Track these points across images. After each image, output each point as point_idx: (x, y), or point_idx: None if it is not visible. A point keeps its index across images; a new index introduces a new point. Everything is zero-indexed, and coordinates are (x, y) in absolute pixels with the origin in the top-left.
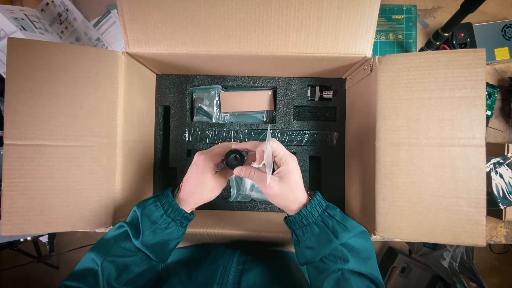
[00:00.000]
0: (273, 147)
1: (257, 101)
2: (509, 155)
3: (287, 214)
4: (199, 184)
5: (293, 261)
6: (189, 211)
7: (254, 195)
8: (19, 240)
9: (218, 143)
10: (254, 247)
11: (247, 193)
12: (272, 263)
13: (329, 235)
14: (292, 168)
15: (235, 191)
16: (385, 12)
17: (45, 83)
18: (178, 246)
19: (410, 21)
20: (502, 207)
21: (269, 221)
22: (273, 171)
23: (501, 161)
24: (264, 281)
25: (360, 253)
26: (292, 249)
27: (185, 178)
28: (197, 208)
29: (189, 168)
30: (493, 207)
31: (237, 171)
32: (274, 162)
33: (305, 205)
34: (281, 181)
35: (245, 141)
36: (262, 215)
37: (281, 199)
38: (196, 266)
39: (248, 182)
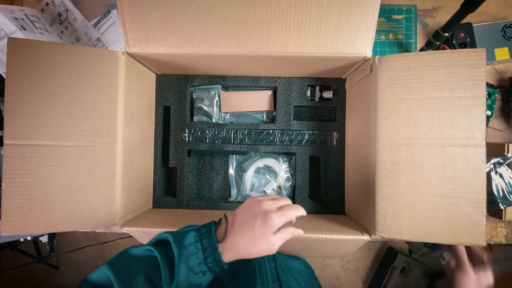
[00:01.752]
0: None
1: (257, 101)
2: (509, 155)
3: None
4: (257, 242)
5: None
6: (227, 262)
7: (254, 195)
8: (19, 240)
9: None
10: None
11: (247, 193)
12: (293, 260)
13: None
14: None
15: (235, 191)
16: (385, 12)
17: (45, 83)
18: None
19: (410, 21)
20: (502, 207)
21: None
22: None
23: (501, 161)
24: (296, 274)
25: None
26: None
27: (239, 224)
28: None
29: (250, 217)
30: (493, 207)
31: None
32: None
33: None
34: None
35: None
36: None
37: None
38: (235, 269)
39: (248, 182)
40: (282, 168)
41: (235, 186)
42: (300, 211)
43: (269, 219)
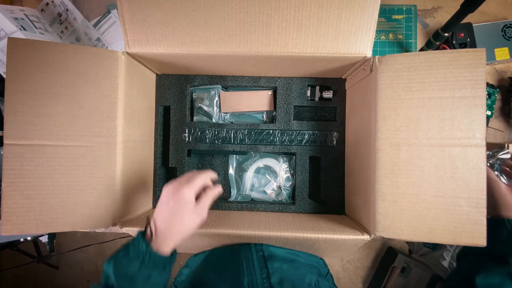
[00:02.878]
0: None
1: (257, 101)
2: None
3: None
4: (182, 219)
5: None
6: (169, 253)
7: (254, 195)
8: (19, 240)
9: (194, 171)
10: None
11: (247, 193)
12: (282, 248)
13: None
14: None
15: (235, 191)
16: (385, 12)
17: (45, 83)
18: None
19: (410, 21)
20: None
21: (270, 220)
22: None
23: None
24: (284, 261)
25: None
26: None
27: (159, 216)
28: None
29: (161, 204)
30: None
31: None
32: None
33: None
34: None
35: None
36: (262, 215)
37: None
38: (221, 268)
39: (248, 182)
40: (282, 168)
41: (235, 186)
42: (208, 173)
43: (180, 195)
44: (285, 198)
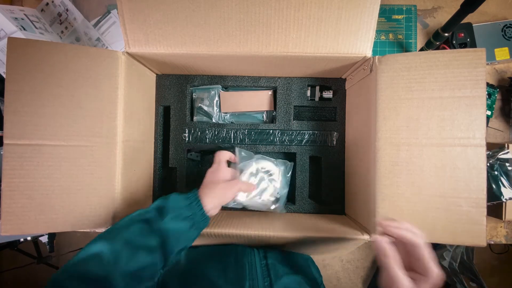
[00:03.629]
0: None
1: (257, 101)
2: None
3: None
4: (218, 171)
5: (300, 257)
6: (210, 212)
7: (247, 202)
8: (19, 240)
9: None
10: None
11: (239, 200)
12: (287, 256)
13: None
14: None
15: None
16: (385, 12)
17: (45, 83)
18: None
19: (410, 21)
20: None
21: (270, 220)
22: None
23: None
24: (289, 271)
25: None
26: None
27: (207, 173)
28: None
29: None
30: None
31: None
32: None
33: None
34: None
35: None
36: (263, 215)
37: None
38: (224, 266)
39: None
40: (280, 173)
41: None
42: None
43: (217, 157)
44: (281, 207)
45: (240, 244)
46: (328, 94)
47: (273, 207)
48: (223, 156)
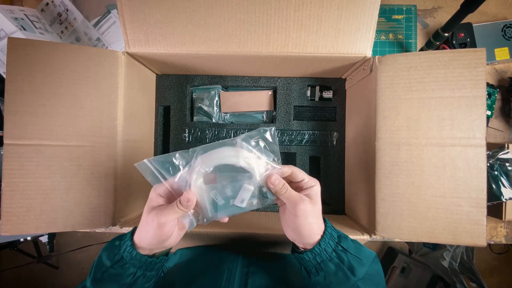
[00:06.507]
0: (294, 172)
1: (257, 101)
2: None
3: (296, 247)
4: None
5: (293, 263)
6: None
7: (223, 214)
8: (19, 240)
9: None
10: (255, 250)
11: (210, 216)
12: (275, 265)
13: (346, 273)
14: (318, 192)
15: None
16: (385, 12)
17: (45, 83)
18: (181, 247)
19: (410, 21)
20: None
21: (269, 220)
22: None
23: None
24: (269, 282)
25: (372, 279)
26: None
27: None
28: None
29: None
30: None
31: (274, 179)
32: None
33: (318, 241)
34: (312, 202)
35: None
36: (263, 214)
37: (303, 225)
38: (201, 271)
39: (202, 200)
40: (256, 159)
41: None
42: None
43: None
44: (272, 199)
45: (228, 250)
46: (328, 94)
47: (264, 204)
48: (155, 187)
